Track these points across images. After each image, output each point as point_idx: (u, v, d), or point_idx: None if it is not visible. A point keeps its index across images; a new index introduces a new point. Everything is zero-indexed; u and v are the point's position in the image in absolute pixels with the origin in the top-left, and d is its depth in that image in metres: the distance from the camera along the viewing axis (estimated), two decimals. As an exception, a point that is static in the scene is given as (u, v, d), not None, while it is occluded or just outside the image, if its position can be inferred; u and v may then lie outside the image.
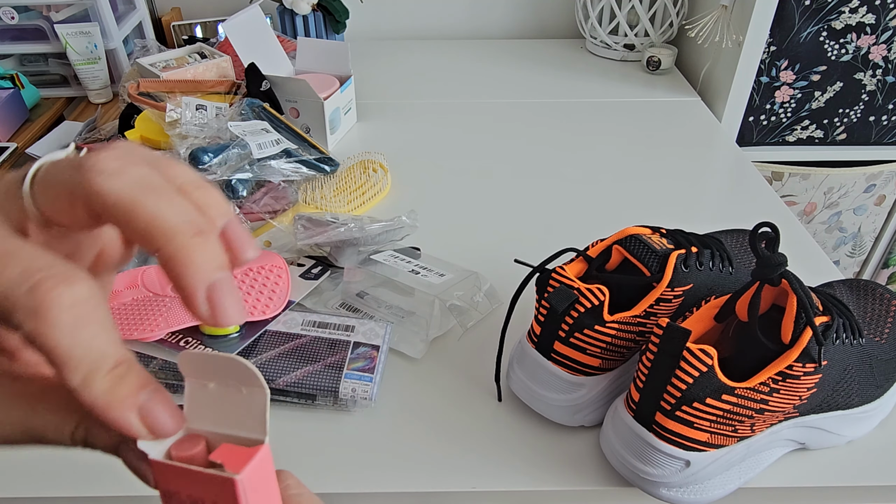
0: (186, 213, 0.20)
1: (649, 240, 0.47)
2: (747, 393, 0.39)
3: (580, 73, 1.10)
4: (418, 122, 0.94)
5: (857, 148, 1.02)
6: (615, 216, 0.74)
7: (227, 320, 0.19)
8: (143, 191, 0.19)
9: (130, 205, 0.19)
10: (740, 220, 0.73)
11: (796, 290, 0.40)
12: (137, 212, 0.19)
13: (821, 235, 1.12)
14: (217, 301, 0.19)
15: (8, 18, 0.96)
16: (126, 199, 0.19)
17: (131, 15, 1.09)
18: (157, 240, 0.19)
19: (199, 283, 0.19)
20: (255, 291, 0.55)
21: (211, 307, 0.19)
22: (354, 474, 0.45)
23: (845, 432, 0.46)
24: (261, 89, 0.81)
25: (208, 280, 0.19)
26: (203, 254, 0.19)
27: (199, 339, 0.50)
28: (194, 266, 0.19)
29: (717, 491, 0.42)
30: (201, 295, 0.19)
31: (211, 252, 0.19)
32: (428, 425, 0.49)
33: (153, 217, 0.19)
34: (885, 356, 0.46)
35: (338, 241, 0.60)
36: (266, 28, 0.89)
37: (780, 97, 0.96)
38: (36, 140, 0.87)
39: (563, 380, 0.46)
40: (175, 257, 0.19)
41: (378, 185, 0.76)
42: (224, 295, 0.19)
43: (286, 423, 0.49)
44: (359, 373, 0.50)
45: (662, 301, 0.45)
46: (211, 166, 0.65)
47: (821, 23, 0.89)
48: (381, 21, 1.27)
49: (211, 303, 0.19)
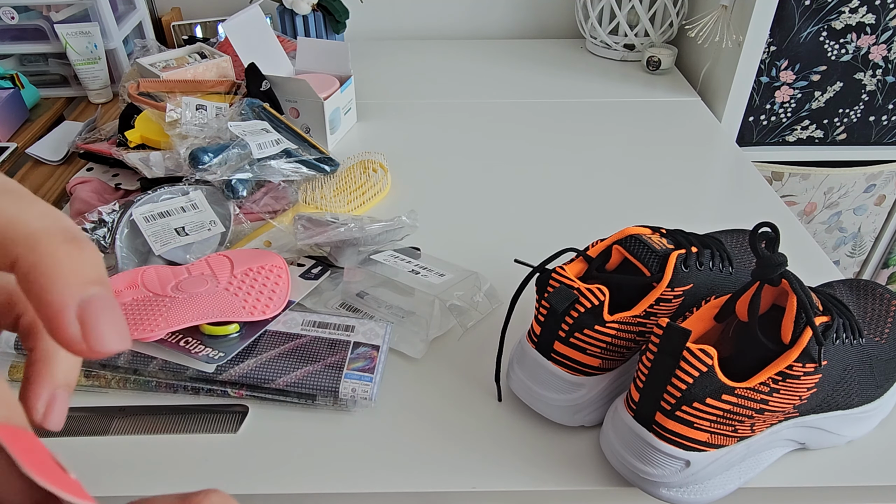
0: (53, 217, 0.16)
1: (649, 240, 0.47)
2: (747, 393, 0.39)
3: (580, 73, 1.10)
4: (418, 122, 0.94)
5: (857, 148, 1.02)
6: (615, 216, 0.74)
7: (103, 346, 0.15)
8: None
9: None
10: (740, 220, 0.73)
11: (796, 290, 0.40)
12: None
13: (821, 235, 1.12)
14: (91, 322, 0.15)
15: (8, 18, 0.96)
16: None
17: (131, 15, 1.09)
18: (14, 247, 0.15)
19: (69, 299, 0.15)
20: (255, 291, 0.55)
21: (84, 329, 0.15)
22: (354, 474, 0.45)
23: (845, 432, 0.46)
24: (261, 89, 0.81)
25: (81, 295, 0.15)
26: (75, 263, 0.15)
27: (199, 339, 0.50)
28: (63, 278, 0.15)
29: (717, 491, 0.42)
30: (70, 314, 0.15)
31: (86, 261, 0.16)
32: (428, 425, 0.49)
33: (11, 220, 0.15)
34: (885, 356, 0.46)
35: (338, 241, 0.60)
36: (266, 28, 0.89)
37: (780, 97, 0.96)
38: (36, 140, 0.87)
39: (563, 380, 0.46)
40: (38, 267, 0.15)
41: (378, 185, 0.76)
42: (100, 314, 0.15)
43: (286, 423, 0.49)
44: (359, 373, 0.50)
45: (662, 301, 0.45)
46: (211, 166, 0.65)
47: (821, 23, 0.89)
48: (381, 21, 1.27)
49: (84, 324, 0.15)
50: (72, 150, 0.83)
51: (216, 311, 0.51)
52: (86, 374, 0.51)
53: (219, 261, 0.58)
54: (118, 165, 0.77)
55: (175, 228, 0.62)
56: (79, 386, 0.51)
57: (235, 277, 0.56)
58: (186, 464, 0.46)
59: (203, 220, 0.64)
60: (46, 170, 0.82)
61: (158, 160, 0.69)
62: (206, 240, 0.63)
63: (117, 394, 0.51)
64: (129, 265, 0.59)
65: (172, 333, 0.51)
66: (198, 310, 0.51)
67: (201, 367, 0.49)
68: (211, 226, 0.64)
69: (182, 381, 0.50)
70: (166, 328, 0.49)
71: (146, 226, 0.61)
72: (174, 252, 0.61)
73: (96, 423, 0.49)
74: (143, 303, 0.52)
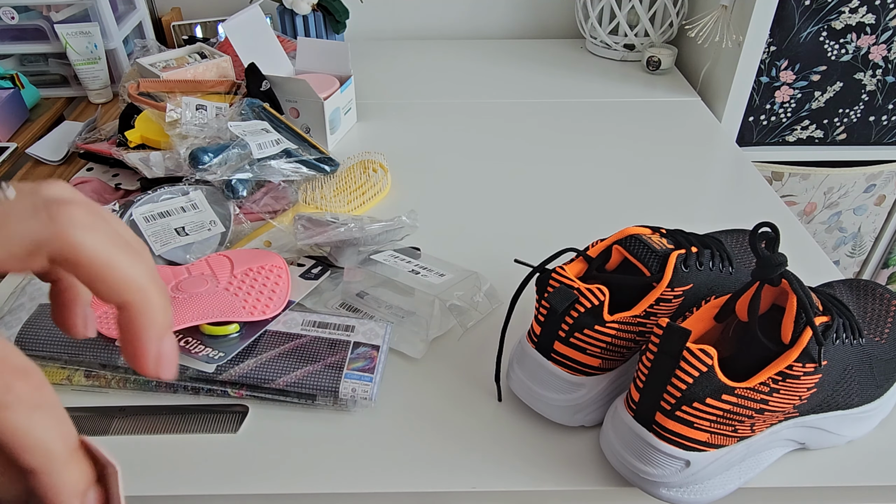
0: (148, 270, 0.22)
1: (649, 240, 0.47)
2: (747, 393, 0.39)
3: (580, 73, 1.10)
4: (418, 122, 0.94)
5: (857, 148, 1.02)
6: (615, 216, 0.74)
7: (165, 375, 0.22)
8: (116, 247, 0.21)
9: (107, 259, 0.21)
10: (740, 220, 0.73)
11: (796, 290, 0.40)
12: (113, 265, 0.21)
13: (821, 235, 1.12)
14: (164, 359, 0.22)
15: (8, 18, 0.96)
16: (102, 254, 0.21)
17: (131, 15, 1.09)
18: (127, 293, 0.21)
19: (153, 340, 0.22)
20: (255, 291, 0.55)
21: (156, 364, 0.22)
22: (354, 474, 0.45)
23: (845, 432, 0.46)
24: (261, 89, 0.81)
25: (161, 337, 0.22)
26: (162, 313, 0.22)
27: (199, 339, 0.50)
28: (155, 323, 0.22)
29: (717, 491, 0.42)
30: (153, 351, 0.22)
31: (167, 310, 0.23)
32: (428, 425, 0.49)
33: (126, 273, 0.21)
34: (885, 356, 0.46)
35: (338, 241, 0.60)
36: (266, 28, 0.89)
37: (780, 97, 0.96)
38: (36, 140, 0.87)
39: (563, 380, 0.46)
40: (140, 310, 0.21)
41: (378, 185, 0.76)
42: (170, 353, 0.22)
43: (286, 423, 0.49)
44: (359, 373, 0.50)
45: (662, 301, 0.45)
46: (211, 166, 0.65)
47: (821, 23, 0.89)
48: (381, 21, 1.27)
49: (157, 361, 0.22)
50: (72, 150, 0.83)
51: (216, 311, 0.51)
52: (86, 375, 0.51)
53: (219, 261, 0.58)
54: (118, 165, 0.77)
55: (175, 228, 0.62)
56: (79, 386, 0.51)
57: (235, 277, 0.56)
58: (186, 464, 0.46)
59: (203, 220, 0.64)
60: (46, 170, 0.82)
61: (158, 160, 0.69)
62: (206, 240, 0.63)
63: (117, 394, 0.51)
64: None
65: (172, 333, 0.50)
66: (198, 310, 0.51)
67: (201, 367, 0.49)
68: (211, 226, 0.64)
69: (182, 381, 0.50)
70: (166, 328, 0.49)
71: (146, 226, 0.61)
72: (174, 252, 0.61)
73: (96, 423, 0.49)
74: (143, 303, 0.52)
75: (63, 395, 0.51)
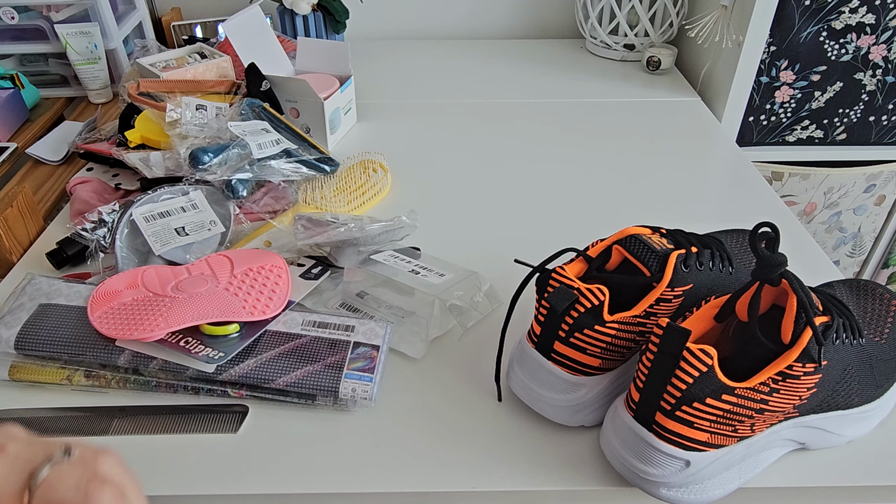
0: None
1: (649, 240, 0.47)
2: (747, 393, 0.39)
3: (580, 73, 1.10)
4: (418, 122, 0.94)
5: (857, 148, 1.02)
6: (615, 216, 0.74)
7: None
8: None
9: None
10: (740, 220, 0.73)
11: (796, 290, 0.40)
12: None
13: (821, 235, 1.12)
14: None
15: (8, 18, 0.96)
16: None
17: (131, 15, 1.09)
18: None
19: None
20: (255, 291, 0.55)
21: None
22: (354, 474, 0.45)
23: (845, 432, 0.46)
24: (261, 89, 0.81)
25: None
26: None
27: (199, 339, 0.50)
28: None
29: (717, 491, 0.42)
30: None
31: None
32: (428, 425, 0.49)
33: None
34: (885, 356, 0.46)
35: (338, 241, 0.60)
36: (266, 28, 0.89)
37: (780, 97, 0.96)
38: (36, 140, 0.87)
39: (563, 380, 0.46)
40: None
41: (378, 185, 0.76)
42: None
43: (286, 423, 0.49)
44: (359, 373, 0.50)
45: (662, 301, 0.45)
46: (211, 166, 0.65)
47: (821, 23, 0.89)
48: (381, 21, 1.27)
49: None
50: (72, 150, 0.83)
51: (216, 311, 0.51)
52: (86, 375, 0.51)
53: (219, 261, 0.58)
54: (118, 165, 0.77)
55: (175, 228, 0.62)
56: (79, 386, 0.51)
57: (235, 277, 0.56)
58: (186, 464, 0.46)
59: (203, 220, 0.64)
60: (46, 170, 0.82)
61: (158, 160, 0.69)
62: (206, 240, 0.63)
63: (117, 394, 0.51)
64: (129, 265, 0.59)
65: (172, 333, 0.51)
66: (198, 310, 0.51)
67: (201, 367, 0.49)
68: (211, 226, 0.64)
69: (182, 381, 0.50)
70: (166, 328, 0.49)
71: (146, 226, 0.61)
72: (174, 252, 0.61)
73: (96, 423, 0.49)
74: (144, 303, 0.52)
75: (63, 395, 0.51)
